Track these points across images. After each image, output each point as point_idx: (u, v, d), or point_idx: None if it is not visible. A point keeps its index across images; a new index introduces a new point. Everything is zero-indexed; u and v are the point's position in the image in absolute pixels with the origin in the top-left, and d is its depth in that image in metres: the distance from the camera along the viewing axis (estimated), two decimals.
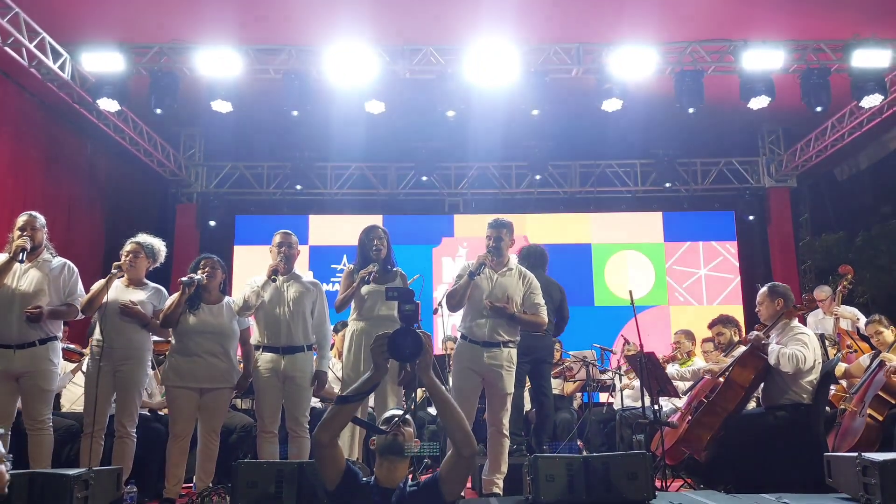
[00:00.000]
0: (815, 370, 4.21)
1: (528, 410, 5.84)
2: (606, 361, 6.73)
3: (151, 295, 4.44)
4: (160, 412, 5.13)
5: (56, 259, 4.29)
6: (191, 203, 10.10)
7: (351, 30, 6.84)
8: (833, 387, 5.09)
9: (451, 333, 6.01)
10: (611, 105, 7.29)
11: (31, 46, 6.56)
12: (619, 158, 10.16)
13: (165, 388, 4.41)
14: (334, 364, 5.53)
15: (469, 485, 4.79)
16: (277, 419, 4.39)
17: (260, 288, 4.37)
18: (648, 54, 7.03)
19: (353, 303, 4.51)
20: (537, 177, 9.99)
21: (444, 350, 6.13)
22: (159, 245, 4.61)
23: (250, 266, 8.74)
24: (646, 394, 5.02)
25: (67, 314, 4.27)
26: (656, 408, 4.80)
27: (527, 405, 5.75)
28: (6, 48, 6.45)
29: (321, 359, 4.58)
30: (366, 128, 8.42)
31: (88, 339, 4.60)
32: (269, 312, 4.39)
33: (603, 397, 7.41)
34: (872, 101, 7.32)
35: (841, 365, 5.26)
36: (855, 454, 3.13)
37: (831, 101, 7.27)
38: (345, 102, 7.61)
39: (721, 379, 4.51)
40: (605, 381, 6.68)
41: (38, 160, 7.89)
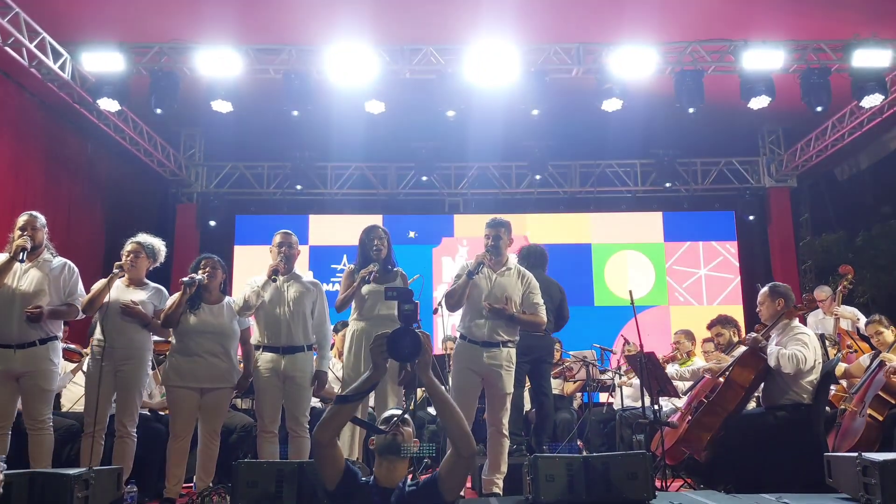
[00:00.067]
0: (816, 370, 4.21)
1: (528, 410, 5.84)
2: (606, 361, 6.73)
3: (152, 295, 4.45)
4: (160, 412, 5.13)
5: (56, 259, 4.29)
6: (191, 203, 10.11)
7: (351, 30, 6.84)
8: (833, 387, 5.10)
9: (451, 333, 6.01)
10: (611, 105, 7.29)
11: (32, 46, 6.56)
12: (619, 158, 10.16)
13: (166, 388, 4.42)
14: (334, 364, 5.53)
15: (469, 485, 4.79)
16: (277, 419, 4.39)
17: (260, 288, 4.37)
18: (648, 54, 7.02)
19: (354, 303, 4.52)
20: (537, 177, 9.97)
21: (444, 350, 6.13)
22: (159, 245, 4.62)
23: (250, 266, 8.73)
24: (646, 394, 5.02)
25: (68, 314, 4.27)
26: (656, 408, 4.80)
27: (527, 405, 5.75)
28: (6, 48, 6.45)
29: (321, 359, 4.58)
30: (366, 128, 8.41)
31: (89, 339, 4.60)
32: (270, 312, 4.39)
33: (603, 397, 7.41)
34: (873, 101, 7.32)
35: (841, 365, 5.26)
36: (855, 454, 3.13)
37: (831, 101, 7.27)
38: (345, 102, 7.61)
39: (721, 379, 4.51)
40: (605, 381, 6.68)
41: (39, 160, 7.89)
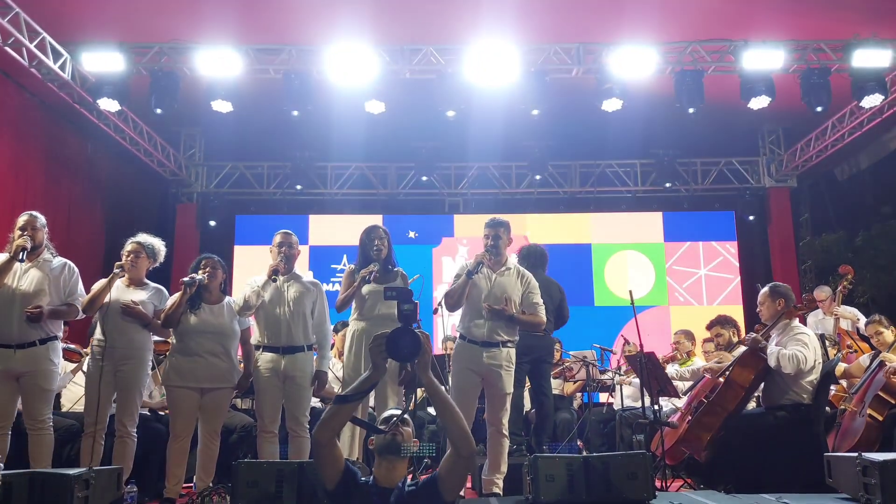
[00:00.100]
0: (816, 370, 4.21)
1: (528, 410, 5.84)
2: (606, 361, 6.73)
3: (152, 295, 4.45)
4: (160, 412, 5.13)
5: (56, 259, 4.29)
6: (191, 203, 10.10)
7: (351, 30, 6.84)
8: (833, 387, 5.10)
9: (451, 333, 6.01)
10: (611, 105, 7.29)
11: (32, 46, 6.56)
12: (619, 158, 10.16)
13: (166, 388, 4.42)
14: (334, 364, 5.53)
15: (469, 484, 4.79)
16: (277, 419, 4.39)
17: (260, 288, 4.37)
18: (648, 54, 7.02)
19: (354, 303, 4.52)
20: (537, 177, 9.97)
21: (444, 350, 6.13)
22: (159, 245, 4.62)
23: (250, 266, 8.73)
24: (646, 394, 5.02)
25: (68, 314, 4.27)
26: (656, 408, 4.80)
27: (527, 405, 5.75)
28: (6, 48, 6.45)
29: (321, 359, 4.59)
30: (366, 128, 8.40)
31: (89, 339, 4.60)
32: (270, 312, 4.39)
33: (603, 397, 7.41)
34: (873, 101, 7.32)
35: (841, 365, 5.27)
36: (855, 454, 3.12)
37: (831, 101, 7.26)
38: (345, 102, 7.61)
39: (721, 379, 4.51)
40: (605, 381, 6.68)
41: (39, 160, 7.89)
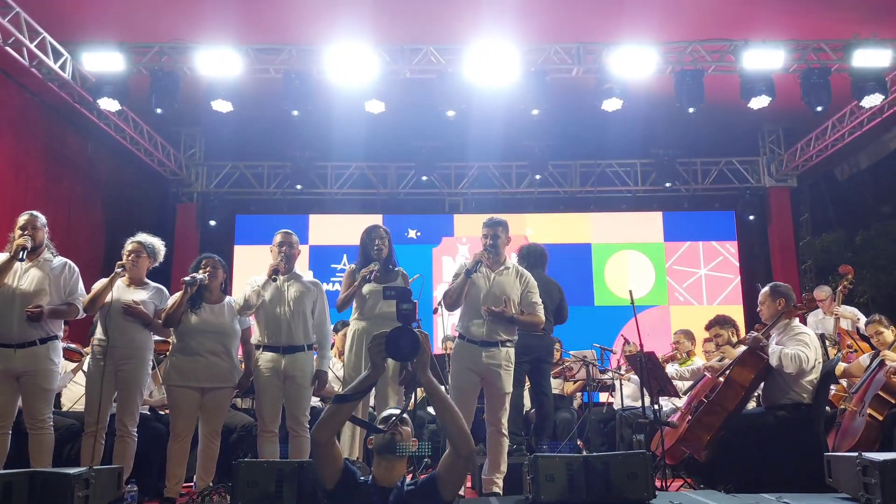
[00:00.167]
0: (816, 370, 4.21)
1: (528, 410, 5.84)
2: (606, 361, 6.72)
3: (153, 294, 4.46)
4: (161, 411, 5.13)
5: (57, 258, 4.30)
6: (191, 203, 10.10)
7: (351, 30, 6.84)
8: (833, 387, 5.10)
9: (451, 333, 6.01)
10: (611, 105, 7.29)
11: (32, 46, 6.56)
12: (619, 158, 10.16)
13: (166, 388, 4.42)
14: (334, 363, 5.54)
15: (469, 484, 4.80)
16: (278, 418, 4.39)
17: (260, 287, 4.38)
18: (648, 54, 7.02)
19: (355, 302, 4.53)
20: (537, 176, 9.97)
21: (444, 350, 6.13)
22: (159, 245, 4.63)
23: (250, 266, 8.73)
24: (646, 394, 5.02)
25: (68, 313, 4.27)
26: (656, 408, 4.80)
27: (527, 405, 5.75)
28: (7, 48, 6.45)
29: (322, 358, 4.59)
30: (366, 127, 8.40)
31: (90, 339, 4.60)
32: (270, 312, 4.39)
33: (603, 397, 7.42)
34: (873, 101, 7.31)
35: (841, 364, 5.27)
36: (855, 454, 3.12)
37: (831, 101, 7.26)
38: (345, 102, 7.61)
39: (721, 379, 4.51)
40: (605, 381, 6.68)
41: (39, 160, 7.90)
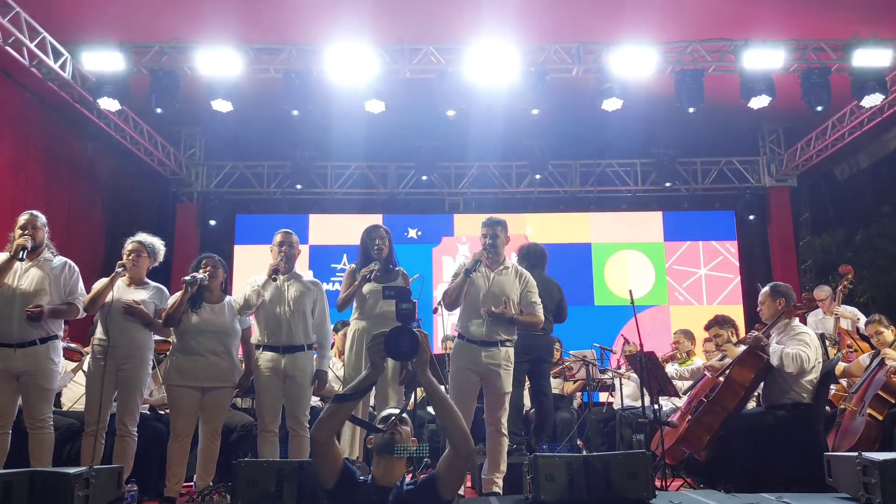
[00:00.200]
0: (816, 370, 4.22)
1: (528, 410, 5.84)
2: (606, 361, 6.72)
3: (153, 294, 4.46)
4: (161, 411, 5.13)
5: (57, 258, 4.30)
6: (191, 202, 10.10)
7: (351, 29, 6.84)
8: (833, 386, 5.10)
9: (451, 333, 6.01)
10: (611, 104, 7.28)
11: (32, 46, 6.56)
12: (619, 158, 10.16)
13: (167, 388, 4.42)
14: (335, 363, 5.54)
15: (469, 484, 4.80)
16: (278, 418, 4.40)
17: (260, 287, 4.38)
18: (649, 54, 7.02)
19: (355, 302, 4.53)
20: (537, 176, 9.97)
21: (444, 349, 6.13)
22: (159, 244, 4.63)
23: (251, 265, 8.73)
24: (646, 393, 5.02)
25: (68, 313, 4.27)
26: (656, 407, 4.80)
27: (526, 405, 5.75)
28: (7, 48, 6.45)
29: (322, 358, 4.59)
30: (366, 127, 8.40)
31: (90, 339, 4.60)
32: (270, 311, 4.40)
33: (603, 397, 7.42)
34: (873, 101, 7.31)
35: (841, 364, 5.26)
36: (855, 454, 3.13)
37: (831, 101, 7.26)
38: (345, 102, 7.61)
39: (721, 378, 4.52)
40: (605, 381, 6.68)
41: (39, 160, 7.89)
